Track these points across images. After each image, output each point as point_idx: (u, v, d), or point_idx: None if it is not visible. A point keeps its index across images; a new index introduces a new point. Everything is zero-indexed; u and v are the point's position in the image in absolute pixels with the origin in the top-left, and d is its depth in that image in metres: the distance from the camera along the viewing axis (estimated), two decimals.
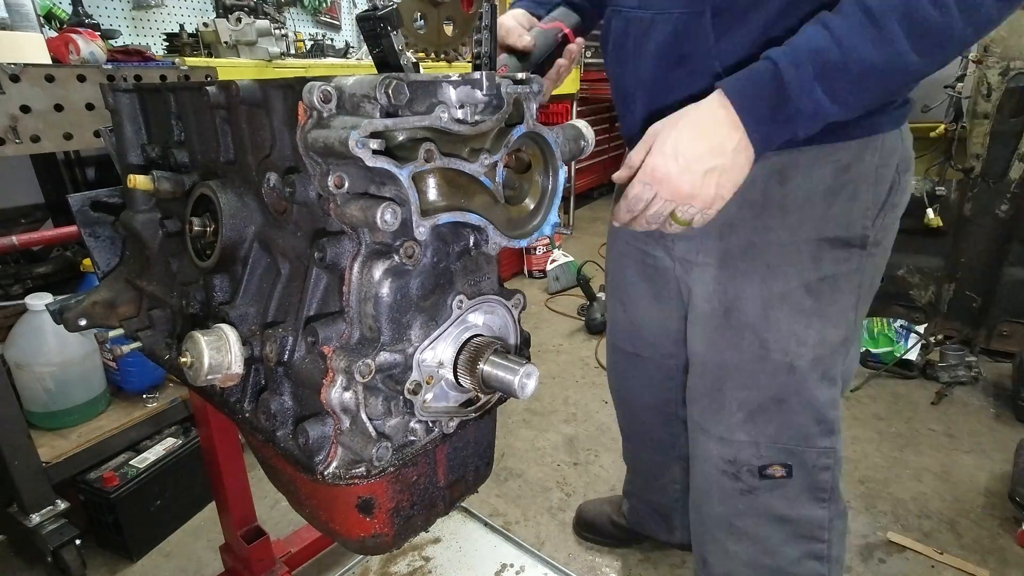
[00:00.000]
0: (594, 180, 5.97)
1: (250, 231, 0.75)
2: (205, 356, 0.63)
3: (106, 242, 1.12)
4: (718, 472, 1.24)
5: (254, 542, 1.42)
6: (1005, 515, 2.01)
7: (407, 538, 0.71)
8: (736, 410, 1.18)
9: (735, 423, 1.18)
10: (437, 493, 0.72)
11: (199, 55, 2.49)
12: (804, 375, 1.11)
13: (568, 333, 3.41)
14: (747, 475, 1.20)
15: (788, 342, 1.10)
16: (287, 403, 0.67)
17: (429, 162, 0.55)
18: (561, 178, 0.71)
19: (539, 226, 0.71)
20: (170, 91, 0.89)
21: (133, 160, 0.98)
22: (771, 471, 1.18)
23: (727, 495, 1.24)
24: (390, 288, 0.58)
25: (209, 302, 0.78)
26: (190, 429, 2.01)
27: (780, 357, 1.11)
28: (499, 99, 0.61)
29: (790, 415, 1.14)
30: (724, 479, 1.23)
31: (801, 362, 1.10)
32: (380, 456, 0.59)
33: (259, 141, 0.71)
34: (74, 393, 1.84)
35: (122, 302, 1.07)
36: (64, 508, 1.69)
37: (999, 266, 2.76)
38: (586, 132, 0.77)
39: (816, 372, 1.11)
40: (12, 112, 1.45)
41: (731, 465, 1.21)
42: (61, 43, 1.81)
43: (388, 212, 0.52)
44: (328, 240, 0.59)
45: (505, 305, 0.71)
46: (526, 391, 0.61)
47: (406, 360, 0.60)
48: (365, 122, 0.49)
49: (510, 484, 2.20)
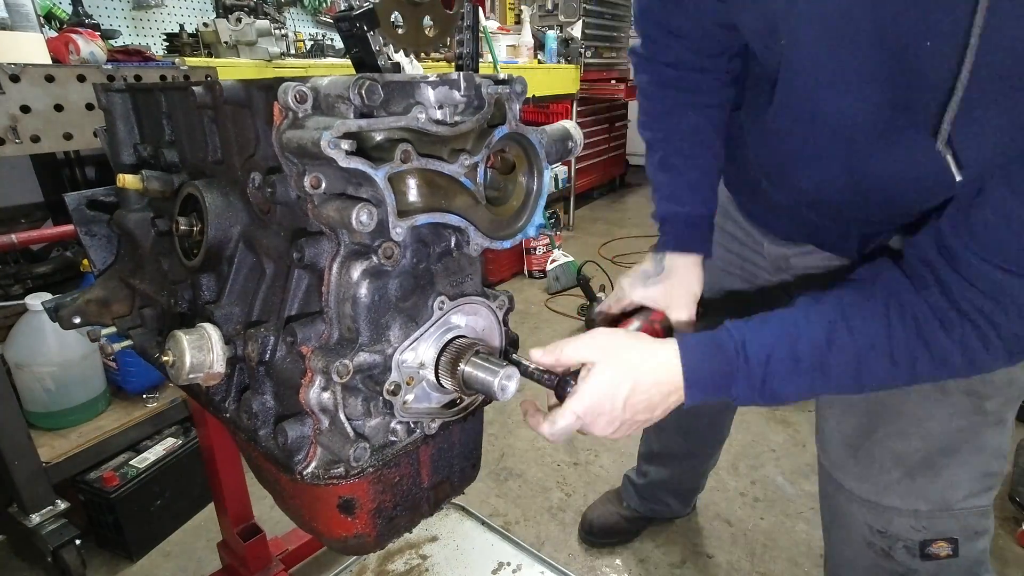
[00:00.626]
0: (594, 180, 5.97)
1: (235, 231, 0.76)
2: (187, 355, 0.64)
3: (102, 241, 1.13)
4: (864, 544, 1.03)
5: (250, 540, 1.43)
6: (1005, 515, 2.00)
7: (390, 539, 0.71)
8: (892, 467, 0.97)
9: (888, 483, 0.98)
10: (421, 494, 0.72)
11: (199, 55, 2.50)
12: (986, 418, 0.92)
13: (568, 333, 3.40)
14: (903, 553, 0.99)
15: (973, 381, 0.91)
16: (269, 402, 0.67)
17: (406, 163, 0.55)
18: (546, 179, 0.71)
19: (523, 227, 0.71)
20: (160, 91, 0.90)
21: (126, 159, 0.99)
22: (935, 549, 0.97)
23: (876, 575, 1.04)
24: (368, 289, 0.58)
25: (196, 301, 0.79)
26: (190, 429, 2.01)
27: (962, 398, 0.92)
28: (479, 100, 0.61)
29: (959, 470, 0.95)
30: (872, 555, 1.02)
31: (988, 404, 0.92)
32: (358, 456, 0.59)
33: (244, 141, 0.72)
34: (74, 393, 1.84)
35: (116, 300, 1.08)
36: (64, 508, 1.70)
37: None
38: (574, 133, 0.77)
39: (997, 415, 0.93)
40: (12, 112, 1.46)
41: (882, 538, 1.00)
42: (61, 43, 1.81)
43: (364, 213, 0.52)
44: (307, 240, 0.59)
45: (489, 306, 0.71)
46: (506, 393, 0.61)
47: (385, 361, 0.60)
48: (338, 123, 0.50)
49: (510, 484, 2.20)
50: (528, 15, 4.58)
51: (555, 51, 4.57)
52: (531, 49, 4.38)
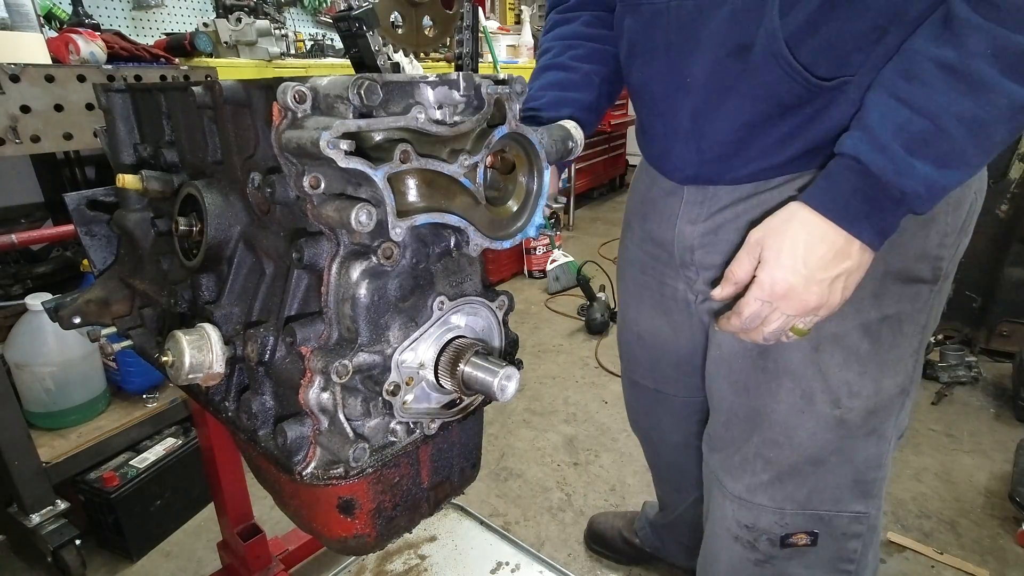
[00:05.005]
0: (594, 180, 5.97)
1: (235, 231, 0.76)
2: (186, 355, 0.64)
3: (102, 241, 1.13)
4: (730, 537, 1.08)
5: (250, 540, 1.43)
6: (1005, 515, 2.00)
7: (390, 539, 0.71)
8: (761, 469, 1.02)
9: (758, 484, 1.02)
10: (421, 494, 0.72)
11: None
12: (852, 431, 0.96)
13: (568, 333, 3.41)
14: (766, 544, 1.04)
15: (838, 393, 0.94)
16: (268, 403, 0.67)
17: (405, 163, 0.54)
18: (546, 179, 0.71)
19: (523, 227, 0.71)
20: (160, 91, 0.90)
21: (126, 159, 0.99)
22: (794, 540, 1.02)
23: (738, 566, 1.09)
24: (367, 289, 0.58)
25: (196, 301, 0.79)
26: (190, 429, 2.02)
27: (826, 410, 0.95)
28: (479, 100, 0.61)
29: (826, 477, 0.99)
30: (736, 546, 1.08)
31: (851, 416, 0.95)
32: (357, 457, 0.59)
33: (244, 141, 0.72)
34: (74, 393, 1.85)
35: (116, 300, 1.08)
36: (64, 508, 1.70)
37: (999, 266, 2.74)
38: (575, 133, 0.77)
39: (866, 427, 0.96)
40: (12, 112, 1.46)
41: (748, 531, 1.05)
42: (61, 43, 1.82)
43: (363, 213, 0.52)
44: (306, 240, 0.59)
45: (489, 307, 0.71)
46: (506, 393, 0.61)
47: (384, 361, 0.60)
48: (337, 123, 0.50)
49: (510, 484, 2.20)
50: (528, 15, 4.58)
51: None
52: (531, 49, 4.39)
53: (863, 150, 0.75)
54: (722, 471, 1.08)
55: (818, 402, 0.95)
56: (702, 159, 0.96)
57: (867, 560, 1.07)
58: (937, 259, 0.91)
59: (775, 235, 0.80)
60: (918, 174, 0.72)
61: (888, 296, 0.91)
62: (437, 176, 0.59)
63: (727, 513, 1.08)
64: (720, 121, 0.89)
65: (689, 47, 0.88)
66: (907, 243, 0.88)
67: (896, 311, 0.92)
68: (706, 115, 0.90)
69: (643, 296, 1.25)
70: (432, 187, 0.60)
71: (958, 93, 0.70)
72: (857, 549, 1.04)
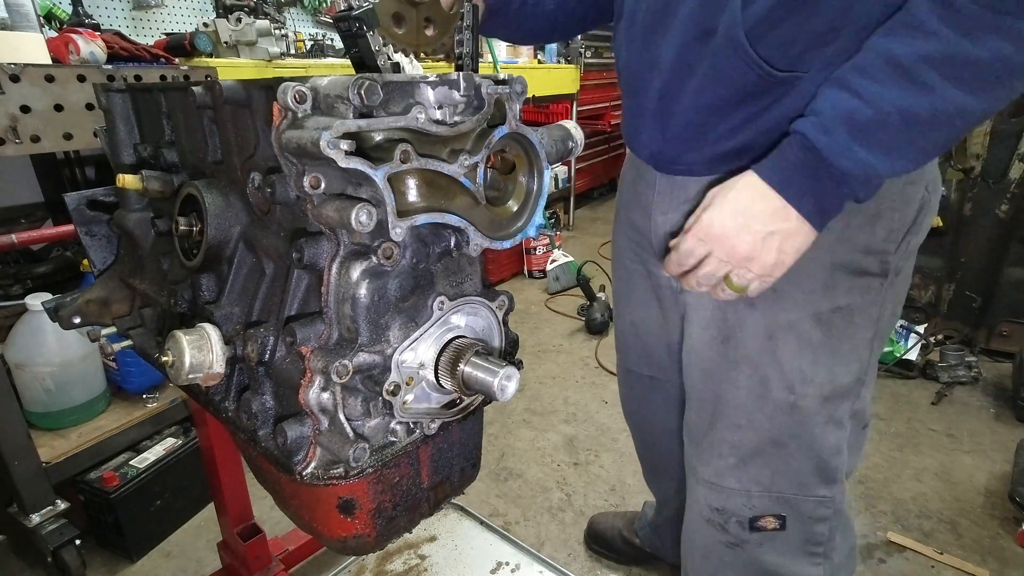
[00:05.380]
0: (594, 180, 5.97)
1: (235, 231, 0.76)
2: (186, 355, 0.64)
3: (102, 240, 1.13)
4: (703, 521, 1.13)
5: (250, 540, 1.43)
6: (1005, 515, 2.00)
7: (390, 539, 0.71)
8: (728, 453, 1.07)
9: (725, 467, 1.07)
10: (421, 494, 0.72)
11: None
12: (808, 417, 1.00)
13: (568, 333, 3.41)
14: (735, 527, 1.09)
15: (792, 379, 0.99)
16: (268, 403, 0.67)
17: (405, 163, 0.55)
18: (546, 179, 0.71)
19: (523, 227, 0.71)
20: (160, 91, 0.90)
21: (126, 159, 0.99)
22: (763, 523, 1.07)
23: (711, 548, 1.14)
24: (368, 289, 0.58)
25: (196, 301, 0.79)
26: (190, 429, 2.01)
27: (782, 396, 1.00)
28: (479, 100, 0.61)
29: (788, 460, 1.03)
30: (709, 529, 1.12)
31: (805, 402, 1.00)
32: (357, 457, 0.59)
33: (244, 141, 0.72)
34: (74, 393, 1.84)
35: (116, 300, 1.08)
36: (64, 508, 1.70)
37: (999, 266, 2.75)
38: (574, 133, 0.77)
39: (822, 414, 1.01)
40: (12, 112, 1.46)
41: (718, 514, 1.10)
42: (61, 43, 1.81)
43: (363, 213, 0.52)
44: (306, 240, 0.59)
45: (489, 307, 0.71)
46: (506, 393, 0.61)
47: (384, 361, 0.60)
48: (337, 123, 0.50)
49: (510, 484, 2.20)
50: None
51: (555, 51, 4.57)
52: (531, 49, 4.38)
53: (811, 130, 0.79)
54: (695, 458, 1.13)
55: (773, 388, 1.00)
56: (665, 137, 1.01)
57: (835, 543, 1.11)
58: (884, 253, 0.95)
59: (724, 189, 0.87)
60: (857, 158, 0.77)
61: (839, 288, 0.95)
62: (437, 176, 0.59)
63: (699, 498, 1.13)
64: (683, 102, 0.94)
65: (663, 29, 0.93)
66: (854, 237, 0.93)
67: (847, 303, 0.96)
68: (672, 95, 0.95)
69: (633, 284, 1.30)
70: (432, 187, 0.60)
71: (903, 91, 0.74)
72: (824, 533, 1.09)
